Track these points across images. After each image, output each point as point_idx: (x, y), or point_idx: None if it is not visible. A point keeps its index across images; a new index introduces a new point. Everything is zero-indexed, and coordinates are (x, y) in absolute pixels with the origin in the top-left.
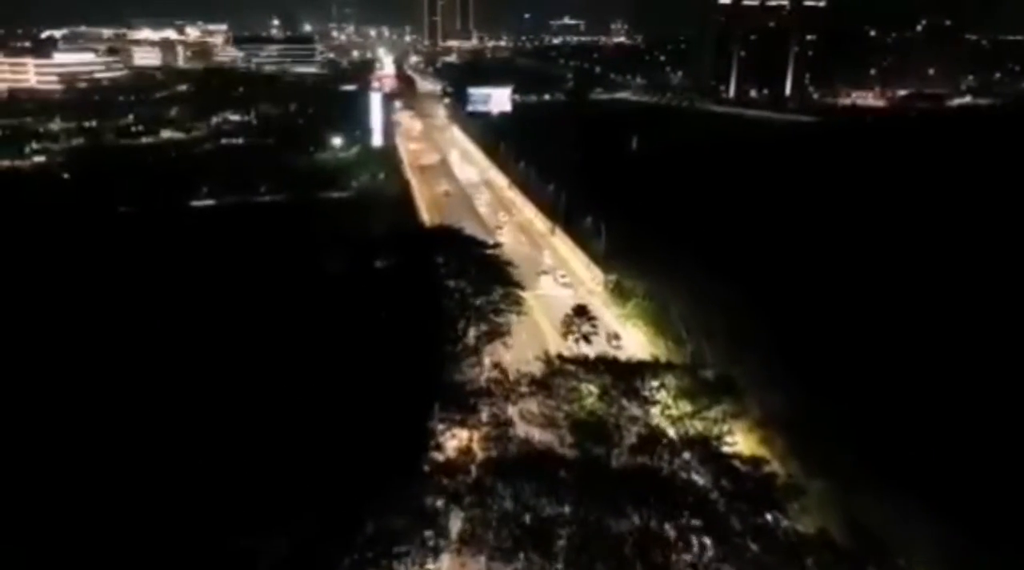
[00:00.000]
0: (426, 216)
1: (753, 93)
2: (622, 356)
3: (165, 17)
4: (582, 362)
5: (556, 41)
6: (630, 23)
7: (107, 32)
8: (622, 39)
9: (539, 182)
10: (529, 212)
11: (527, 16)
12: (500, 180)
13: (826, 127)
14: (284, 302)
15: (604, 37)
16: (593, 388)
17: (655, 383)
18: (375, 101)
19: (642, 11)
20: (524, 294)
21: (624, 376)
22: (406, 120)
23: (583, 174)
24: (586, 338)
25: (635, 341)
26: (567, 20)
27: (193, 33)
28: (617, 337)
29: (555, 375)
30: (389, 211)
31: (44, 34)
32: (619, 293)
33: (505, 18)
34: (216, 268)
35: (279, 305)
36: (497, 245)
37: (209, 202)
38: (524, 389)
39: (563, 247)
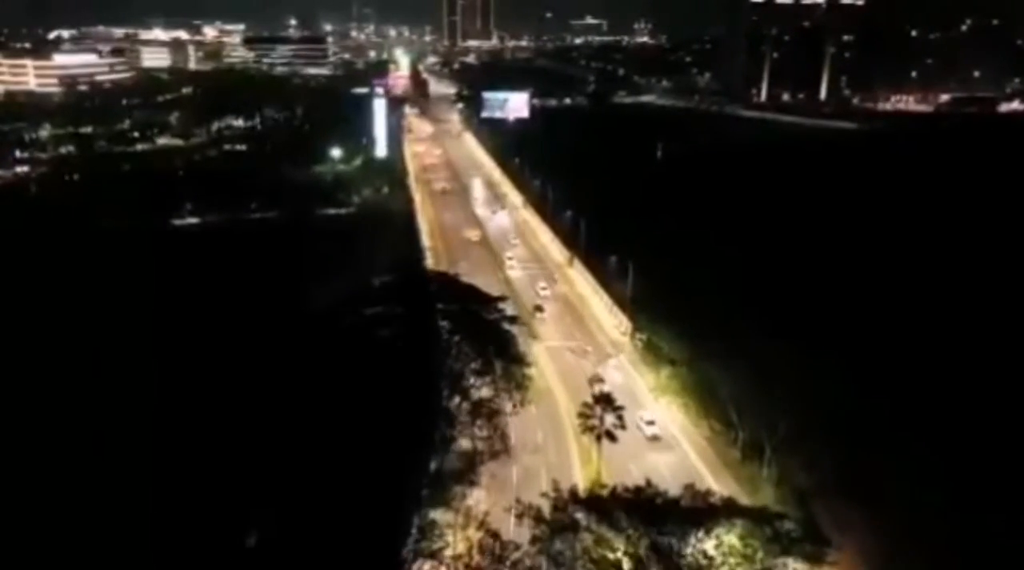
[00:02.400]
0: (428, 240)
1: (786, 97)
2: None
3: (184, 17)
4: (605, 504)
5: (578, 41)
6: (654, 23)
7: (118, 32)
8: (645, 39)
9: (556, 201)
10: (544, 237)
11: (548, 15)
12: (514, 197)
13: (871, 134)
14: (227, 381)
15: (627, 37)
16: (622, 556)
17: (711, 546)
18: (379, 108)
19: (666, 10)
20: (536, 350)
21: (667, 528)
22: (417, 127)
23: (605, 191)
24: (610, 435)
25: (672, 421)
26: (589, 20)
27: (210, 33)
28: (651, 423)
29: (566, 531)
30: (390, 236)
31: (52, 34)
32: (650, 352)
33: (526, 18)
34: (167, 311)
35: (222, 381)
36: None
37: (192, 221)
38: (521, 554)
39: (582, 283)
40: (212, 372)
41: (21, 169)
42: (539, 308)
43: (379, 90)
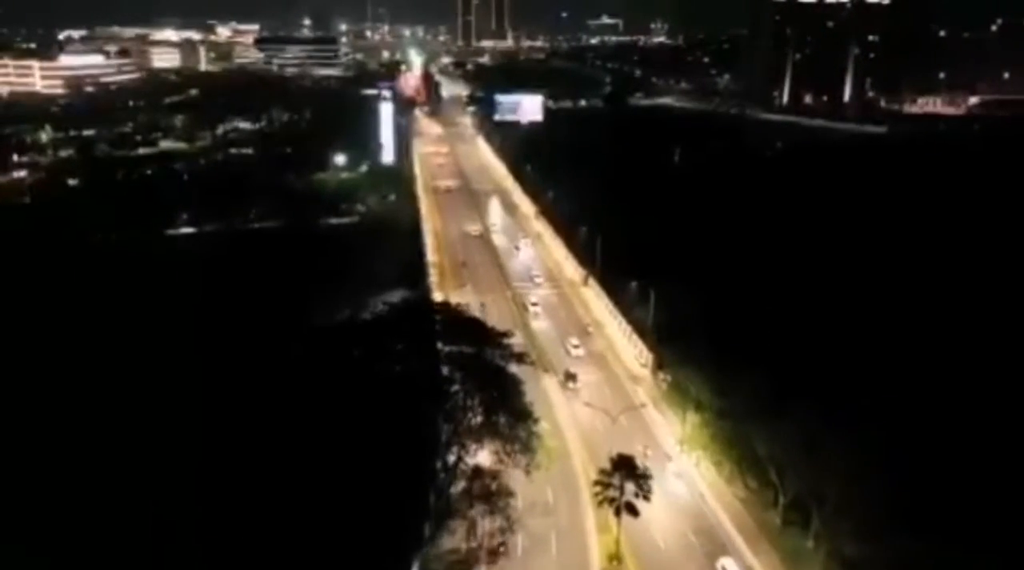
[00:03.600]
0: (433, 256)
1: (808, 99)
2: None
3: (200, 17)
4: None
5: (593, 41)
6: (670, 22)
7: (129, 33)
8: (662, 39)
9: (570, 210)
10: (558, 252)
11: (564, 15)
12: (527, 207)
13: (903, 139)
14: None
15: (643, 37)
16: None
17: None
18: (386, 112)
19: (684, 10)
20: (547, 387)
21: None
22: (428, 131)
23: (622, 201)
24: (632, 509)
25: (700, 476)
26: (605, 19)
27: (224, 33)
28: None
29: None
30: (393, 249)
31: (63, 34)
32: (676, 393)
33: (541, 17)
34: (142, 334)
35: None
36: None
37: (188, 231)
38: None
39: (598, 305)
40: (179, 408)
41: (18, 174)
42: (571, 377)
43: (386, 93)
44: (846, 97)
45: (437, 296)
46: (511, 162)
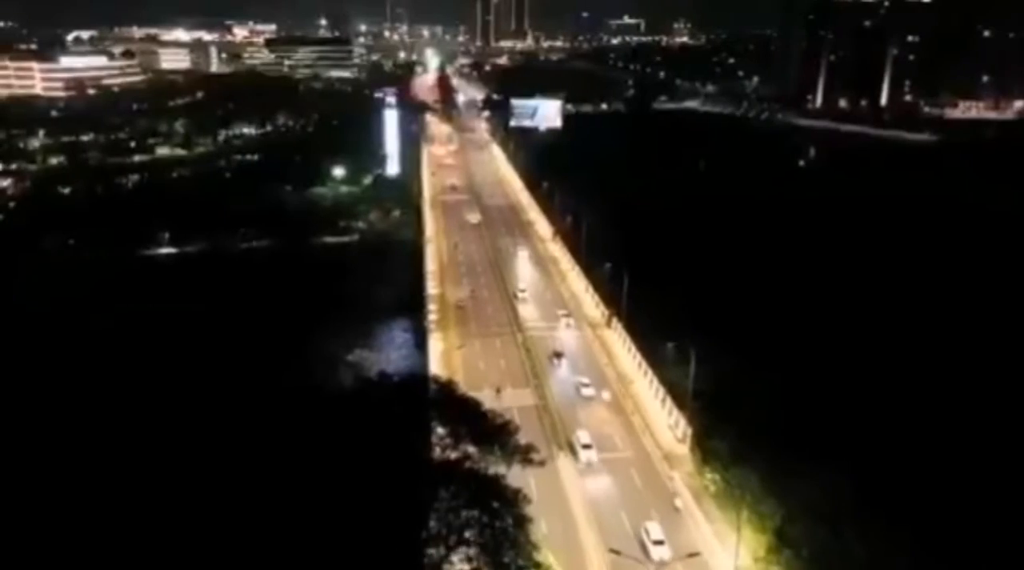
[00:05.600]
0: (434, 287)
1: (843, 103)
2: None
3: (218, 17)
4: None
5: (615, 41)
6: (693, 22)
7: (139, 33)
8: (685, 39)
9: (589, 232)
10: (577, 284)
11: (584, 15)
12: (542, 226)
13: (953, 148)
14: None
15: (666, 37)
16: None
17: None
18: (391, 120)
19: (707, 10)
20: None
21: None
22: (439, 137)
23: (648, 221)
24: None
25: None
26: (626, 19)
27: (241, 34)
28: None
29: None
30: (391, 275)
31: (71, 35)
32: (726, 499)
33: (561, 17)
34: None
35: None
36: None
37: (168, 251)
38: None
39: (623, 354)
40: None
41: (4, 182)
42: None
43: (391, 99)
44: (883, 101)
45: (434, 339)
46: (527, 174)
